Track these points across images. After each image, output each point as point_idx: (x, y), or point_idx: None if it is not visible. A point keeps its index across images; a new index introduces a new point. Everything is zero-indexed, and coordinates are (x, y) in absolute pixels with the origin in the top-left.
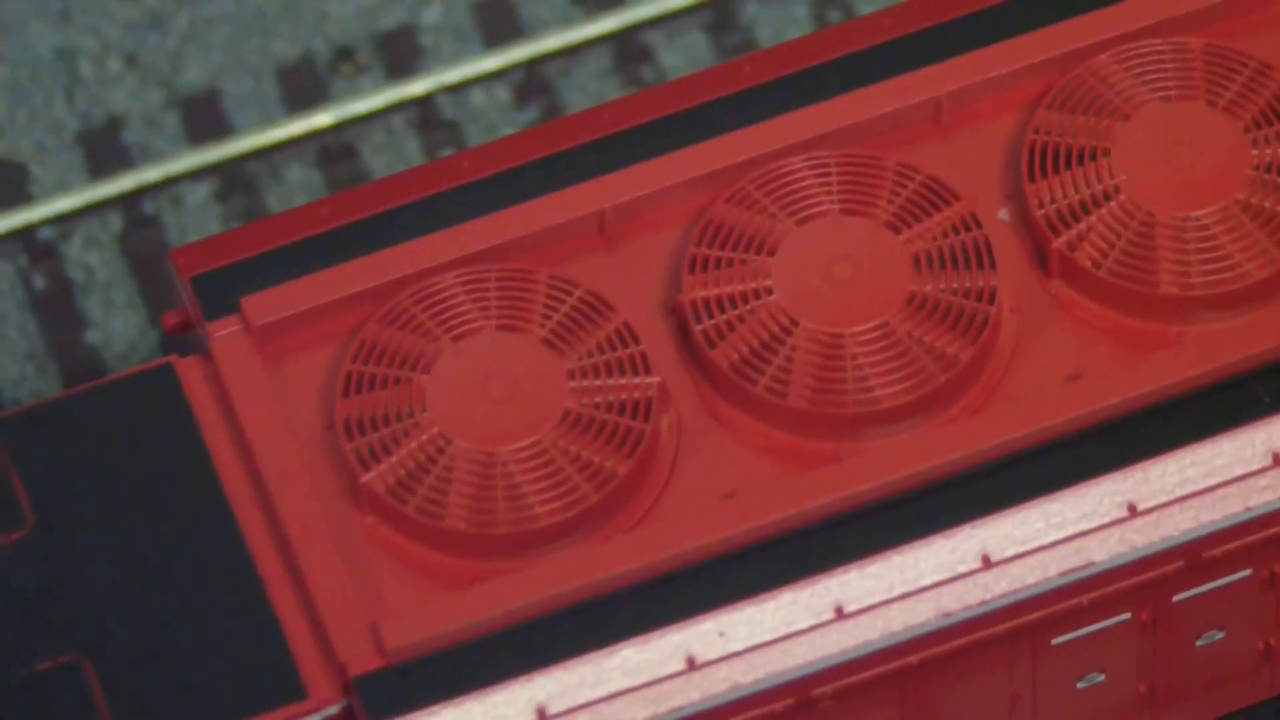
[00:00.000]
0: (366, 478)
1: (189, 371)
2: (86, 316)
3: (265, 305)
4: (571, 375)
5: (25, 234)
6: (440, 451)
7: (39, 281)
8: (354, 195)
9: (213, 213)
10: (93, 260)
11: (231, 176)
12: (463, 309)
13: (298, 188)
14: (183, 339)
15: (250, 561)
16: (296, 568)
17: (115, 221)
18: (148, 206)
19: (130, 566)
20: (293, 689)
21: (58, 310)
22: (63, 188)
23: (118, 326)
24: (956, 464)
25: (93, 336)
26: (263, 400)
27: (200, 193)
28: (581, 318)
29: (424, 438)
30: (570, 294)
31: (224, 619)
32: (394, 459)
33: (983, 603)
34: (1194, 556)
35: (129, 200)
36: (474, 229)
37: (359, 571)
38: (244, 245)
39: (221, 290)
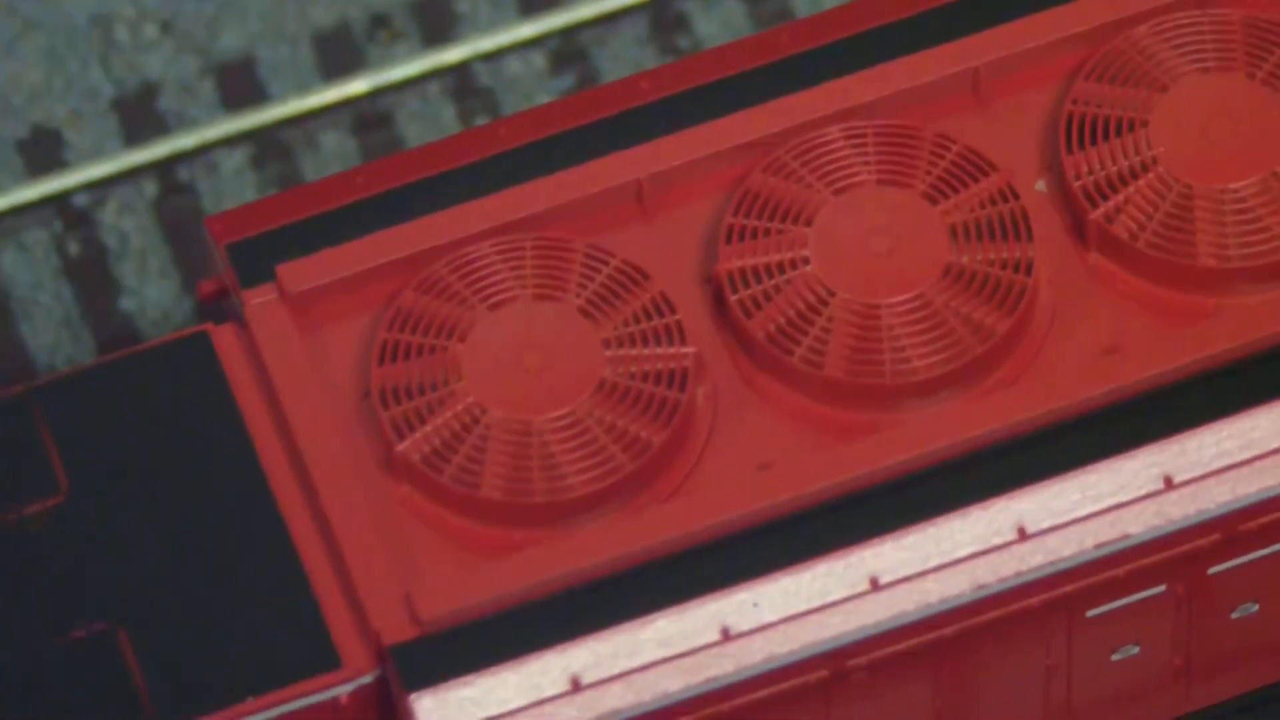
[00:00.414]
0: (402, 446)
1: (224, 339)
2: (121, 283)
3: (301, 273)
4: (607, 344)
5: (60, 200)
6: (475, 420)
7: (73, 248)
8: (390, 163)
9: (248, 180)
10: (127, 227)
11: (266, 144)
12: (499, 277)
13: (333, 155)
14: (218, 306)
15: (285, 530)
16: (331, 537)
17: (150, 188)
18: (183, 173)
19: (164, 535)
20: (327, 658)
21: (92, 277)
22: (98, 154)
23: (152, 294)
24: (992, 435)
25: (127, 303)
26: (298, 368)
27: (235, 160)
28: (618, 287)
29: (459, 406)
30: (606, 263)
31: (258, 588)
32: (429, 428)
33: (1018, 574)
34: (1230, 529)
35: (164, 167)
36: (510, 197)
37: (394, 541)
38: (280, 212)
39: (257, 258)
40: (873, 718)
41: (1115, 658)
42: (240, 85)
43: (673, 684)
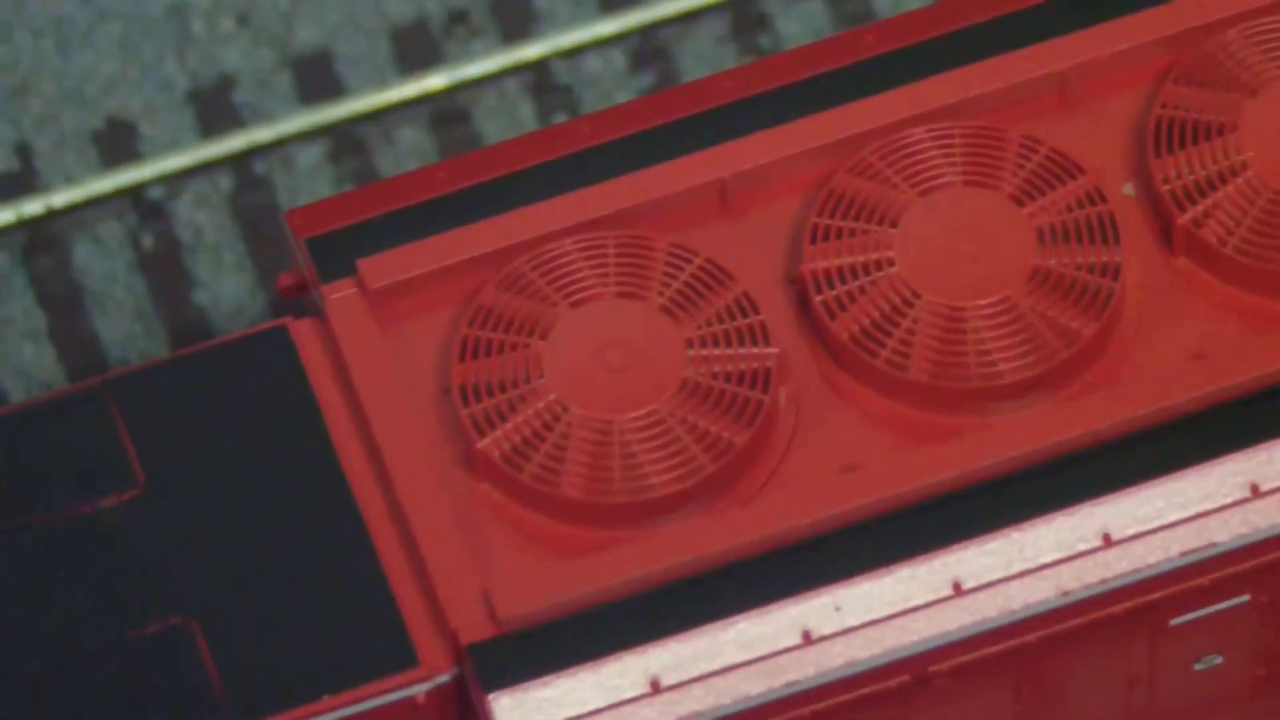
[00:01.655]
0: (482, 443)
1: (303, 334)
2: (195, 277)
3: (381, 268)
4: (690, 344)
5: (134, 192)
6: (557, 418)
7: (147, 241)
8: (472, 159)
9: (323, 174)
10: (202, 220)
11: (343, 138)
12: (581, 275)
13: (409, 151)
14: (297, 301)
15: (363, 526)
16: (409, 534)
17: (225, 181)
18: (258, 167)
19: (241, 530)
20: (404, 656)
21: (166, 270)
22: (173, 146)
23: (226, 287)
24: (1078, 441)
25: (201, 297)
26: (378, 364)
27: (311, 154)
28: (701, 286)
29: (540, 404)
30: (690, 262)
31: (335, 585)
32: (510, 425)
33: (1103, 581)
34: None
35: (239, 160)
36: (593, 194)
37: (473, 539)
38: (360, 208)
39: (337, 253)
40: None
41: (1198, 667)
42: (317, 79)
43: (753, 687)
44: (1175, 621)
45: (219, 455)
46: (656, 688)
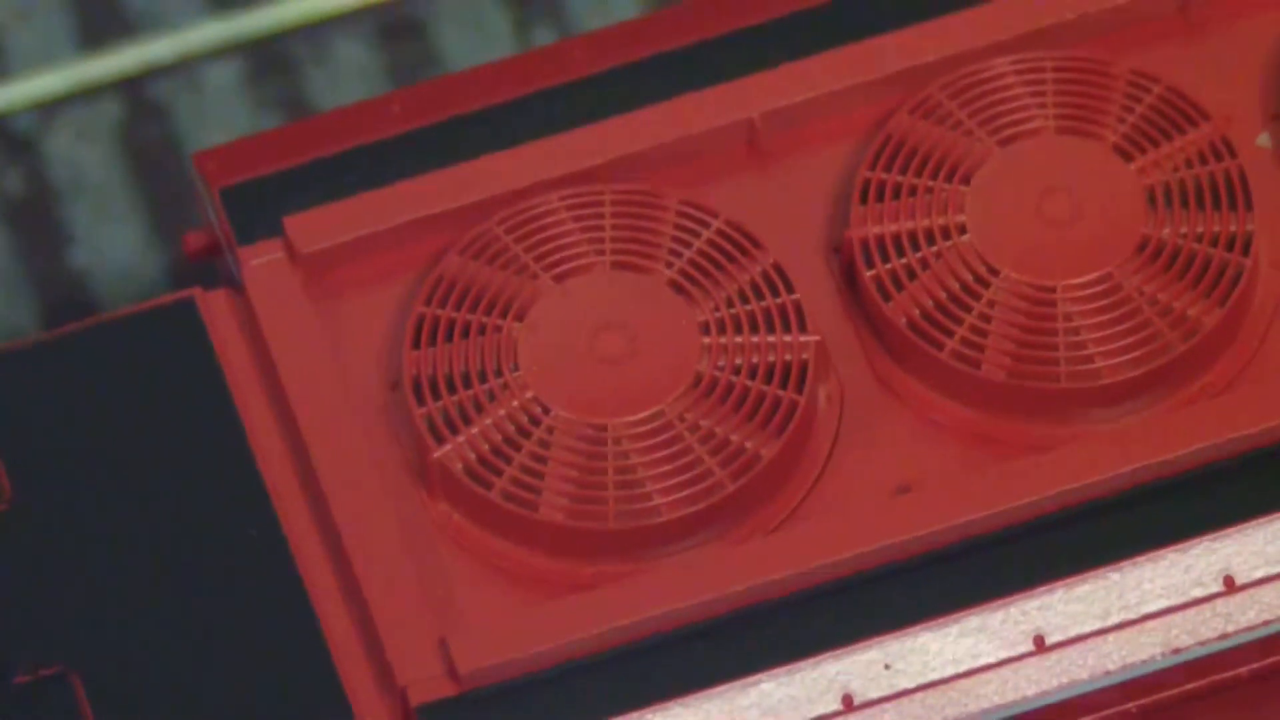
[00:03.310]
0: (440, 453)
1: (215, 308)
2: (72, 231)
3: (315, 228)
4: (706, 329)
5: None
6: (535, 422)
7: (13, 184)
8: (431, 89)
9: (240, 101)
10: (82, 158)
11: (264, 56)
12: (569, 240)
13: (350, 72)
14: (207, 266)
15: (288, 554)
16: (347, 565)
17: (113, 109)
18: (156, 91)
19: (134, 556)
20: (339, 719)
21: (35, 222)
22: (47, 62)
23: (113, 245)
24: (1195, 458)
25: (80, 257)
26: (309, 349)
27: (224, 75)
28: (721, 256)
29: (515, 404)
30: (707, 225)
31: (252, 627)
32: (475, 430)
33: (1223, 636)
34: None
35: (131, 82)
36: (585, 138)
37: (426, 572)
38: (289, 149)
39: (258, 206)
40: None
41: None
42: None
43: None
44: None
45: (106, 464)
46: None
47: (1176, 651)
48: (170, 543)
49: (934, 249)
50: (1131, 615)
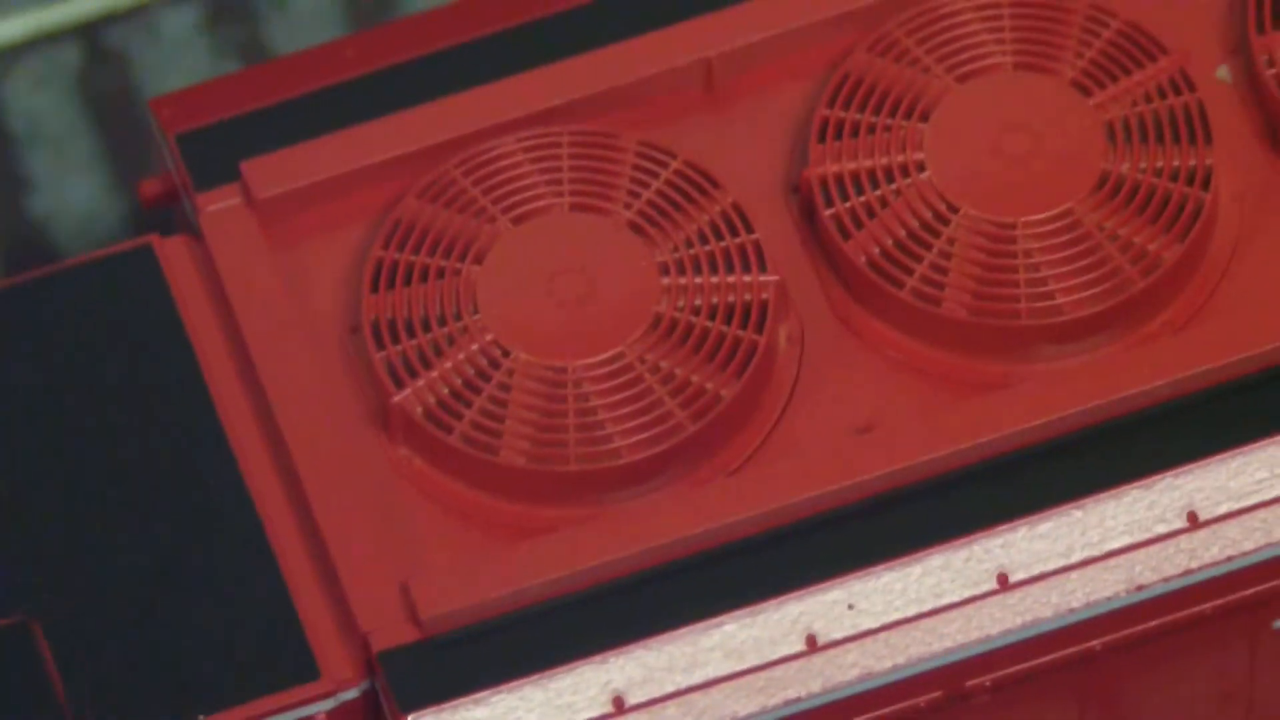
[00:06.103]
0: (399, 397)
1: (173, 255)
2: (31, 178)
3: (272, 173)
4: (665, 270)
5: None
6: (494, 365)
7: None
8: (387, 32)
9: (198, 47)
10: (40, 106)
11: (222, 1)
12: (527, 182)
13: (308, 15)
14: (164, 213)
15: (249, 502)
16: (308, 511)
17: (70, 55)
18: (113, 37)
19: (93, 504)
20: (302, 667)
21: None
22: (3, 9)
23: (71, 193)
24: (1157, 393)
25: (38, 204)
26: (268, 294)
27: (181, 20)
28: (679, 196)
29: (474, 347)
30: (665, 166)
31: (214, 576)
32: (435, 374)
33: (1187, 573)
34: None
35: (89, 29)
36: (542, 79)
37: (387, 518)
38: (246, 94)
39: (216, 152)
40: None
41: None
42: None
43: (742, 706)
44: (1279, 623)
45: (66, 408)
46: (620, 707)
47: (1140, 588)
48: (130, 490)
49: (893, 187)
50: (1095, 552)
